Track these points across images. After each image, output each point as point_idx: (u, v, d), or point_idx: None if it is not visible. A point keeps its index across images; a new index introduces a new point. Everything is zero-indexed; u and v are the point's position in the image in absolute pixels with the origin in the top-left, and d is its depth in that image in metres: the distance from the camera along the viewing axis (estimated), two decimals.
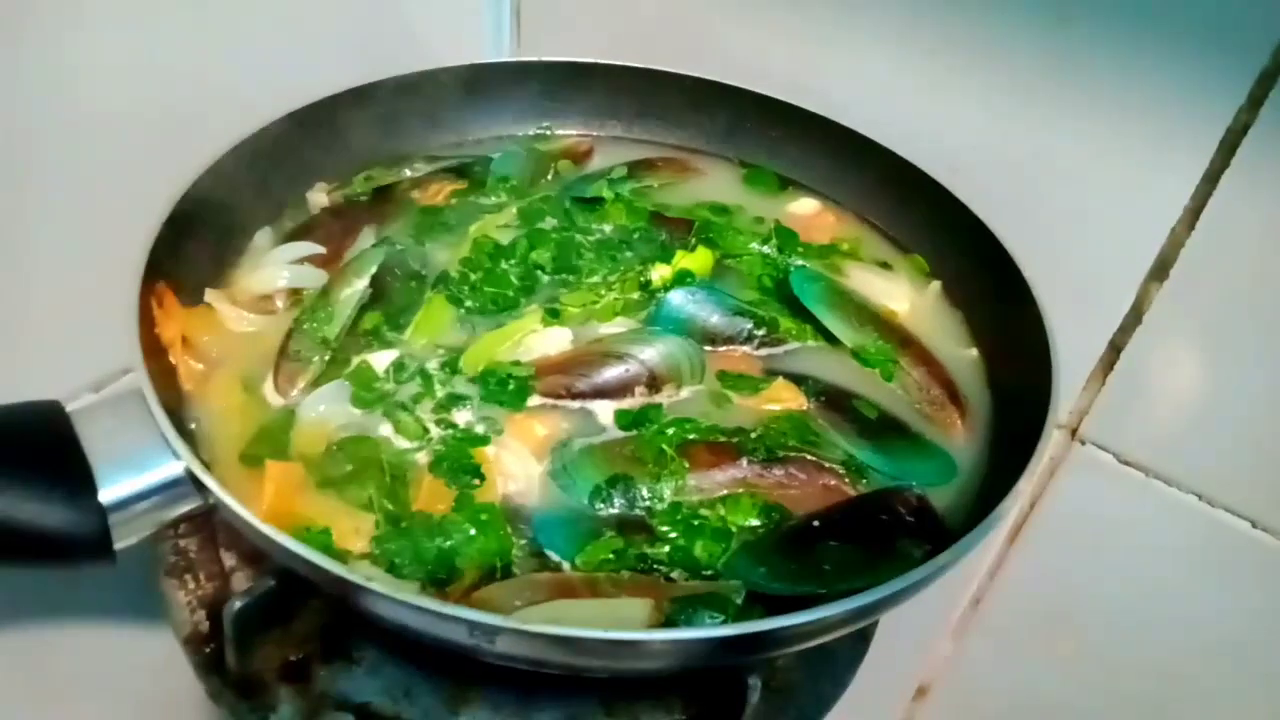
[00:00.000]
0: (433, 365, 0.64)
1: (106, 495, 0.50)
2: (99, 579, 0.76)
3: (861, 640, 0.65)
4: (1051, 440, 0.81)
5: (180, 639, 0.60)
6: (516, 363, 0.64)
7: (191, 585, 0.62)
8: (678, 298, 0.68)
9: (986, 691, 0.99)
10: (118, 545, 0.51)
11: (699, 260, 0.73)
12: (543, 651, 0.46)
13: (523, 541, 0.55)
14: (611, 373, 0.63)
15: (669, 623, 0.50)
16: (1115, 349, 0.77)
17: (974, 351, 0.70)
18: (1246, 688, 0.82)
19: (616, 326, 0.68)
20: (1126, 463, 0.80)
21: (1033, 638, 0.93)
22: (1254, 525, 0.75)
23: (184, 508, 0.52)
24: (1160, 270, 0.72)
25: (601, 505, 0.57)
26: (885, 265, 0.76)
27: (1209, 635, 0.82)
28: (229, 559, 0.63)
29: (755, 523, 0.56)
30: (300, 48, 0.78)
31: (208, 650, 0.59)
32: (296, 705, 0.56)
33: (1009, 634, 0.95)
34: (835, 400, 0.64)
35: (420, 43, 0.87)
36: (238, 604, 0.53)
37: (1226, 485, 0.76)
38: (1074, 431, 0.82)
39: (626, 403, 0.63)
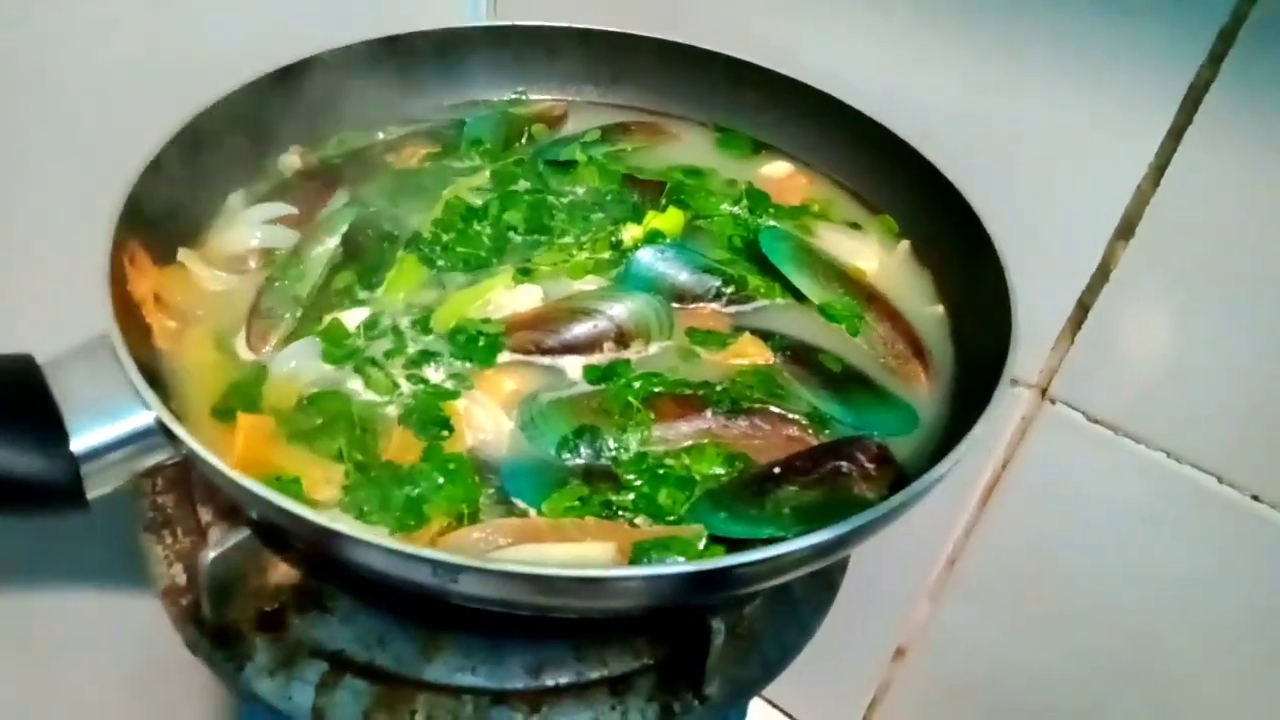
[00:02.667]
0: (404, 323, 0.64)
1: (78, 444, 0.50)
2: (89, 543, 0.77)
3: (827, 588, 0.66)
4: (1022, 400, 0.84)
5: (158, 592, 0.61)
6: (487, 320, 0.65)
7: (169, 540, 0.64)
8: (647, 256, 0.69)
9: (964, 651, 1.01)
10: (90, 494, 0.51)
11: (670, 220, 0.73)
12: (504, 591, 0.47)
13: (490, 490, 0.56)
14: (580, 329, 0.64)
15: (631, 565, 0.51)
16: (1083, 308, 0.78)
17: (940, 308, 0.71)
18: (1216, 640, 0.83)
19: (587, 285, 0.69)
20: (1096, 421, 0.81)
21: (1009, 596, 0.94)
22: (1220, 480, 0.76)
23: (156, 458, 0.53)
24: (1126, 229, 0.73)
25: (568, 455, 0.58)
26: (855, 226, 0.77)
27: (1178, 589, 0.83)
28: (205, 514, 0.64)
29: (719, 471, 0.57)
30: (276, 10, 0.79)
31: (185, 602, 0.60)
32: (272, 654, 0.58)
33: (985, 593, 0.96)
34: (801, 354, 0.65)
35: (396, 6, 0.87)
36: (211, 555, 0.54)
37: (1194, 442, 0.77)
38: (1044, 391, 0.83)
39: (595, 358, 0.64)
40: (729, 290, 0.69)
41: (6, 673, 0.82)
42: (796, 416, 0.61)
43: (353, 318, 0.64)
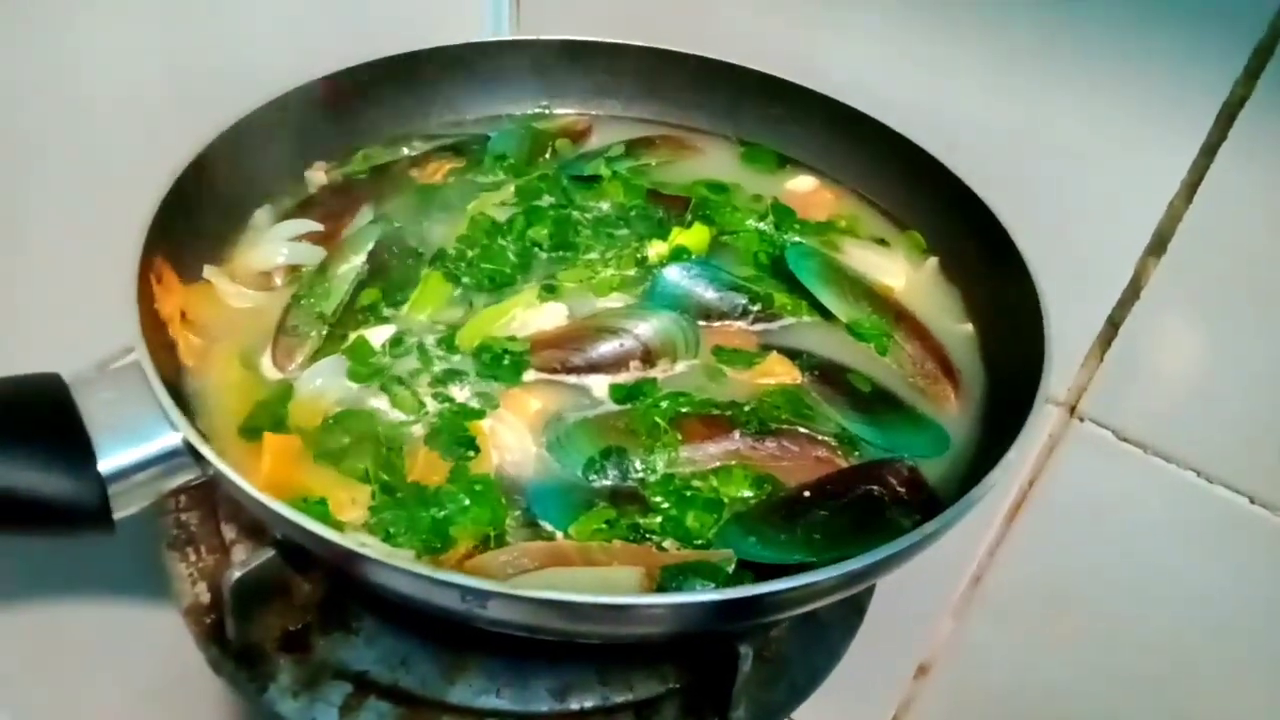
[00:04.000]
0: (429, 341, 0.64)
1: (105, 465, 0.50)
2: (112, 555, 0.77)
3: (856, 613, 0.66)
4: (1050, 417, 0.83)
5: (182, 610, 0.61)
6: (512, 338, 0.64)
7: (193, 558, 0.63)
8: (673, 273, 0.69)
9: (988, 670, 1.00)
10: (117, 514, 0.51)
11: (695, 237, 0.73)
12: (533, 617, 0.46)
13: (516, 512, 0.55)
14: (606, 347, 0.63)
15: (660, 590, 0.50)
16: (1113, 325, 0.77)
17: (969, 326, 0.70)
18: (1246, 662, 0.82)
19: (613, 302, 0.68)
20: (1125, 439, 0.80)
21: (1034, 615, 0.93)
22: (1252, 501, 0.75)
23: (182, 478, 0.53)
24: (1158, 245, 0.72)
25: (595, 477, 0.57)
26: (882, 242, 0.76)
27: (1208, 611, 0.82)
28: (229, 532, 0.64)
29: (747, 494, 0.57)
30: (299, 27, 0.79)
31: (208, 621, 0.60)
32: (295, 674, 0.57)
33: (1010, 612, 0.95)
34: (829, 374, 0.64)
35: (420, 21, 0.88)
36: (236, 574, 0.54)
37: (1225, 461, 0.76)
38: (1072, 408, 0.82)
39: (621, 377, 0.63)
40: (755, 308, 0.68)
41: (29, 686, 0.82)
42: (825, 437, 0.60)
43: (378, 335, 0.64)
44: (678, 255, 0.71)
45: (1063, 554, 0.89)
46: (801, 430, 0.60)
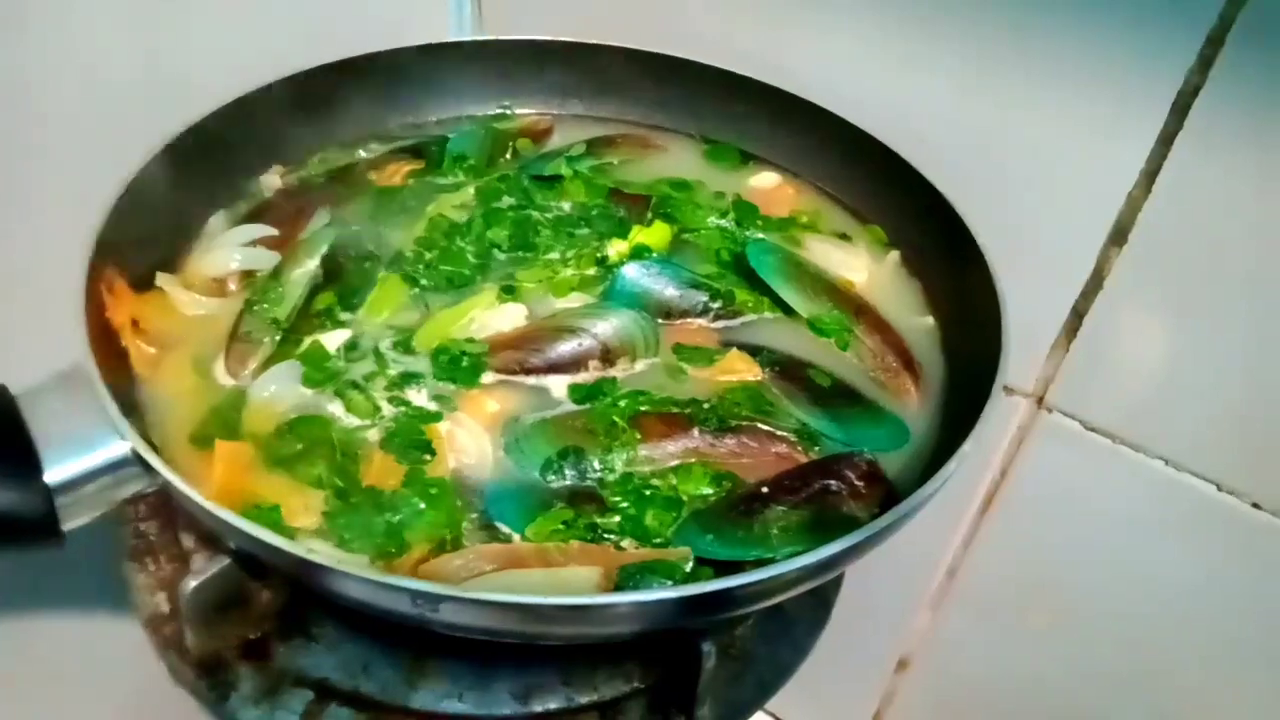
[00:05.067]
0: (386, 344, 0.64)
1: (52, 476, 0.50)
2: (77, 568, 0.76)
3: (822, 606, 0.66)
4: (1018, 409, 0.83)
5: (142, 620, 0.61)
6: (470, 340, 0.64)
7: (152, 568, 0.63)
8: (632, 271, 0.68)
9: (967, 662, 1.00)
10: (66, 526, 0.51)
11: (656, 235, 0.73)
12: (487, 619, 0.46)
13: (473, 515, 0.55)
14: (565, 347, 0.63)
15: (617, 590, 0.50)
16: (1078, 315, 0.77)
17: (930, 319, 0.70)
18: (1217, 649, 0.82)
19: (572, 302, 0.68)
20: (1093, 429, 0.80)
21: (1010, 606, 0.93)
22: (1219, 488, 0.76)
23: (133, 488, 0.52)
24: (1119, 235, 0.72)
25: (553, 477, 0.57)
26: (844, 237, 0.76)
27: (1178, 598, 0.82)
28: (188, 541, 0.63)
29: (707, 491, 0.57)
30: (258, 29, 0.78)
31: (168, 631, 0.59)
32: (256, 682, 0.57)
33: (986, 603, 0.95)
34: (789, 370, 0.64)
35: (380, 22, 0.87)
36: (192, 583, 0.53)
37: (1192, 449, 0.76)
38: (1040, 400, 0.82)
39: (580, 377, 0.63)
40: (716, 305, 0.68)
41: None
42: (785, 433, 0.60)
43: (333, 339, 0.63)
44: (638, 254, 0.71)
45: (1036, 544, 0.89)
46: (761, 427, 0.60)
